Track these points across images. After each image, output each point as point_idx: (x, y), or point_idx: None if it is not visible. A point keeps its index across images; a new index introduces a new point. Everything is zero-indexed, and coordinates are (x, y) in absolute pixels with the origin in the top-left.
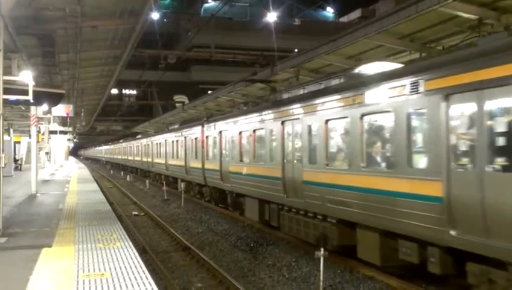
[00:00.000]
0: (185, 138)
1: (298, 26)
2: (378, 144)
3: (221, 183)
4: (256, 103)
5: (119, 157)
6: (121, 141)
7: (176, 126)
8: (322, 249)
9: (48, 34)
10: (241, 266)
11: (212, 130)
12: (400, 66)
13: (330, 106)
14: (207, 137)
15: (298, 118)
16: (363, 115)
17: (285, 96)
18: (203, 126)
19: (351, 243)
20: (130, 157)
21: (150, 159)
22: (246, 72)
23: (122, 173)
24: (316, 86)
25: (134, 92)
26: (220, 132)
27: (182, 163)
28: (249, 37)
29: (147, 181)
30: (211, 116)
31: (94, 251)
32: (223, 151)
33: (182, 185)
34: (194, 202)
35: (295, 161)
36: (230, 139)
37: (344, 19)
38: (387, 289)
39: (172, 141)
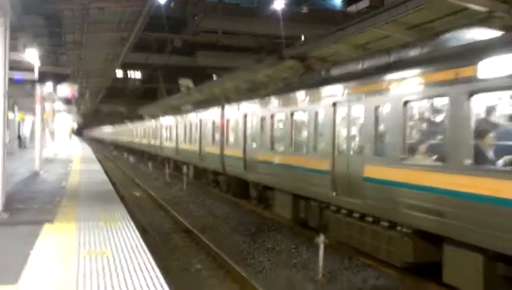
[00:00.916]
0: (201, 120)
1: (306, 14)
2: (496, 132)
3: (245, 173)
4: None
5: (125, 139)
6: (127, 122)
7: (190, 108)
8: (322, 236)
9: (55, 14)
10: (240, 249)
11: (234, 112)
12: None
13: (414, 82)
14: (228, 120)
15: (359, 99)
16: (472, 93)
17: (336, 72)
18: (223, 108)
19: (430, 260)
20: (136, 140)
21: (158, 143)
22: (252, 58)
23: (125, 154)
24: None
25: (139, 75)
26: (245, 115)
27: (196, 148)
28: (256, 24)
29: (150, 164)
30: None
31: (96, 229)
32: (248, 137)
33: (185, 168)
34: (197, 186)
35: (352, 152)
36: (258, 123)
37: (352, 8)
38: (386, 277)
39: (185, 124)
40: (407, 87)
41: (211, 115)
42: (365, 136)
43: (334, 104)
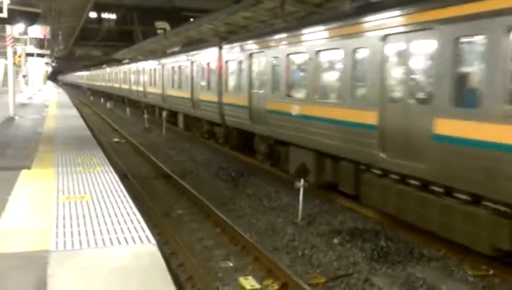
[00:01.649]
0: (192, 63)
1: None
2: None
3: (251, 125)
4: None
5: (103, 84)
6: (105, 66)
7: (177, 49)
8: (302, 180)
9: None
10: (221, 195)
11: (236, 52)
12: None
13: None
14: (227, 62)
15: (429, 28)
16: None
17: None
18: (220, 48)
19: None
20: (115, 85)
21: (141, 88)
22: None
23: (102, 99)
24: None
25: (114, 16)
26: (251, 55)
27: (187, 95)
28: None
29: (127, 109)
30: (232, 35)
31: (74, 174)
32: (255, 82)
33: (164, 114)
34: (176, 132)
35: (411, 100)
36: (269, 65)
37: None
38: (363, 219)
39: (173, 67)
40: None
41: (206, 57)
42: (438, 80)
43: (385, 38)
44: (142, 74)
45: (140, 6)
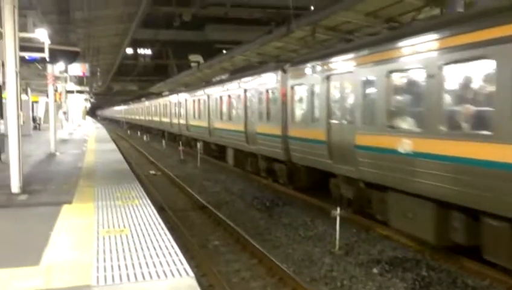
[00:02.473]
0: (245, 91)
1: None
2: None
3: (331, 164)
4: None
5: (142, 118)
6: (143, 99)
7: (225, 76)
8: (338, 208)
9: None
10: (257, 224)
11: (307, 75)
12: None
13: None
14: (293, 88)
15: None
16: None
17: None
18: (284, 72)
19: None
20: (155, 118)
21: (183, 121)
22: (261, 31)
23: (138, 133)
24: None
25: (149, 51)
26: (328, 77)
27: (240, 127)
28: None
29: (164, 141)
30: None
31: (113, 208)
32: (335, 111)
33: (199, 145)
34: (211, 163)
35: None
36: (360, 89)
37: None
38: (402, 248)
39: (221, 97)
40: None
41: (263, 83)
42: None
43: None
44: (183, 106)
45: (174, 40)
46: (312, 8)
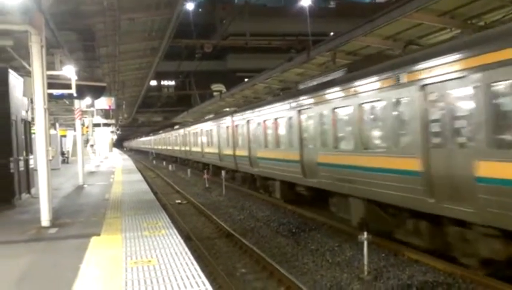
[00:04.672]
0: (299, 112)
1: (334, 9)
2: None
3: (428, 202)
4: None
5: (170, 148)
6: (170, 129)
7: (266, 102)
8: (365, 233)
9: (88, 29)
10: (284, 251)
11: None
12: None
13: None
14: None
15: None
16: None
17: None
18: (343, 85)
19: None
20: (185, 148)
21: (216, 150)
22: (282, 58)
23: (164, 163)
24: None
25: (172, 82)
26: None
27: (294, 156)
28: (284, 23)
29: (189, 170)
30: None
31: (141, 238)
32: (437, 139)
33: (223, 173)
34: (235, 190)
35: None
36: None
37: (381, 0)
38: (433, 272)
39: (265, 121)
40: None
41: (307, 106)
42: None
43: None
44: (217, 134)
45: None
46: (332, 33)
